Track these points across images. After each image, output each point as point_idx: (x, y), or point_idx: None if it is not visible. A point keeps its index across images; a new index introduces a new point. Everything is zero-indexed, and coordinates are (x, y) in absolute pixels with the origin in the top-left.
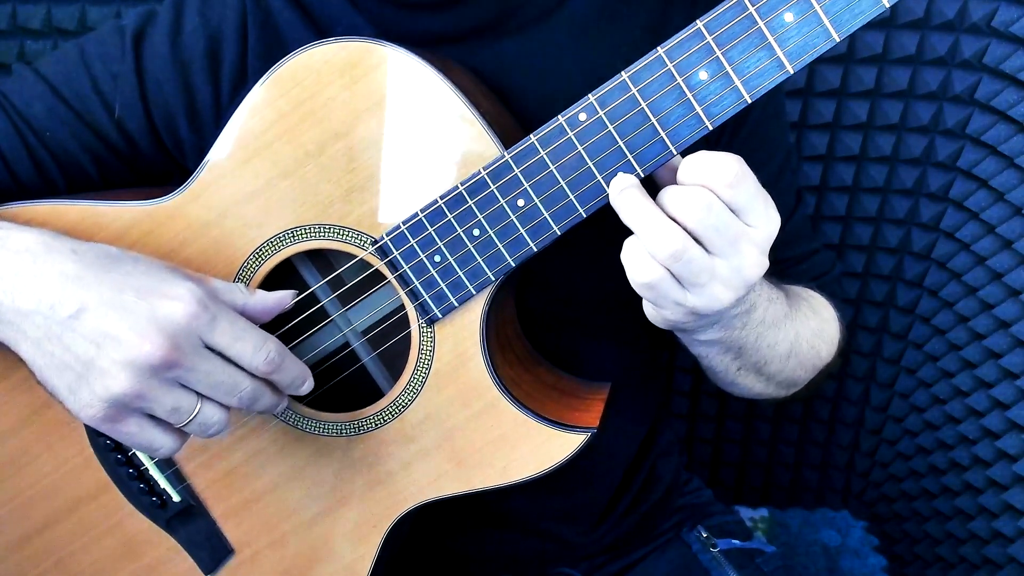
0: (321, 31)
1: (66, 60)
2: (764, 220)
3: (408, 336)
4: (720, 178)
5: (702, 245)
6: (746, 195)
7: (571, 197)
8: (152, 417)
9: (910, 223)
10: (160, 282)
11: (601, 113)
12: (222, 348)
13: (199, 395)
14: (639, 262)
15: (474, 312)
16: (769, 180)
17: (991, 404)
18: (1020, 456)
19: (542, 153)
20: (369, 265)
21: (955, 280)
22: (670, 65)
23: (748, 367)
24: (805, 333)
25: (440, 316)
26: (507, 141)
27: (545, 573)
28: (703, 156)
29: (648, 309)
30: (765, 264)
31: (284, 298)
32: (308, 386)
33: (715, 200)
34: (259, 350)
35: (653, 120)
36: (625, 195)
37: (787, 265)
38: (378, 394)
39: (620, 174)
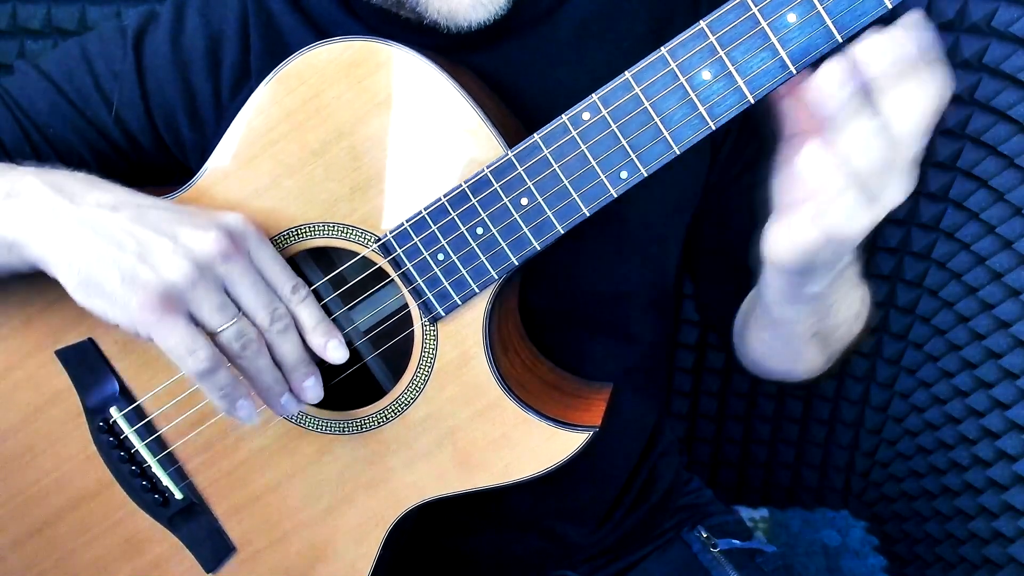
0: (322, 34)
1: (68, 58)
2: None
3: (410, 335)
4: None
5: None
6: None
7: (574, 196)
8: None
9: (910, 223)
10: (208, 209)
11: (604, 112)
12: (263, 266)
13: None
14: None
15: (477, 310)
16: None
17: (991, 404)
18: (1020, 456)
19: (545, 152)
20: (372, 264)
21: (955, 280)
22: (673, 65)
23: (821, 333)
24: (863, 299)
25: (443, 314)
26: (510, 141)
27: (546, 575)
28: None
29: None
30: None
31: None
32: (325, 332)
33: None
34: (291, 279)
35: (656, 120)
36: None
37: None
38: (380, 393)
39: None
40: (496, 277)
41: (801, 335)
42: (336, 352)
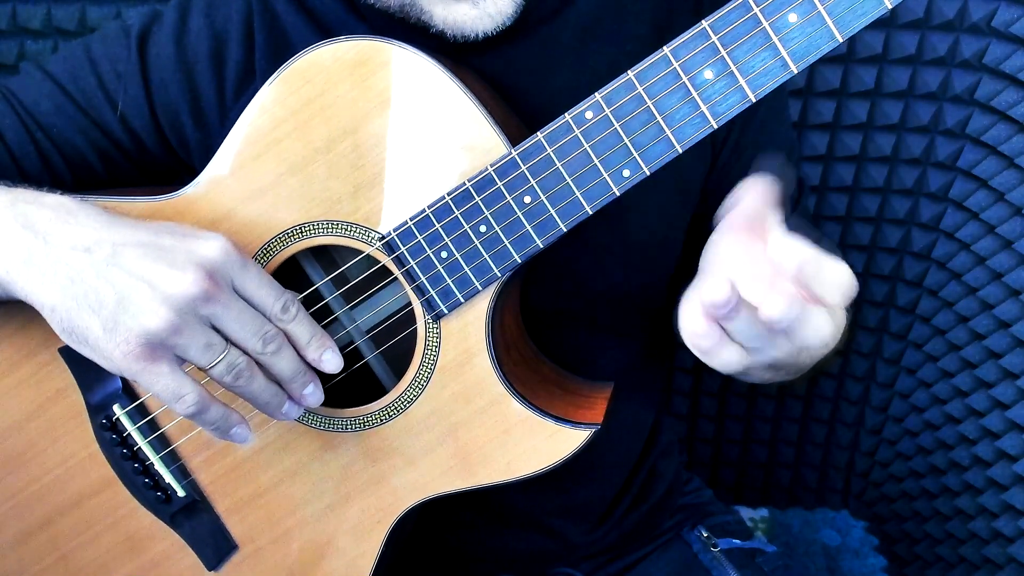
0: (327, 34)
1: (72, 59)
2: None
3: (412, 334)
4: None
5: None
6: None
7: (577, 194)
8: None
9: (910, 223)
10: (192, 230)
11: (607, 111)
12: (248, 292)
13: (227, 341)
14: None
15: (480, 308)
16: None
17: (991, 404)
18: (1020, 456)
19: (549, 150)
20: (375, 262)
21: (955, 280)
22: (675, 64)
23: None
24: None
25: (446, 312)
26: (514, 141)
27: (546, 572)
28: (837, 272)
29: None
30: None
31: None
32: (319, 345)
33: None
34: (279, 298)
35: (659, 118)
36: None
37: None
38: (382, 391)
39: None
40: (499, 275)
41: (754, 375)
42: (331, 363)
